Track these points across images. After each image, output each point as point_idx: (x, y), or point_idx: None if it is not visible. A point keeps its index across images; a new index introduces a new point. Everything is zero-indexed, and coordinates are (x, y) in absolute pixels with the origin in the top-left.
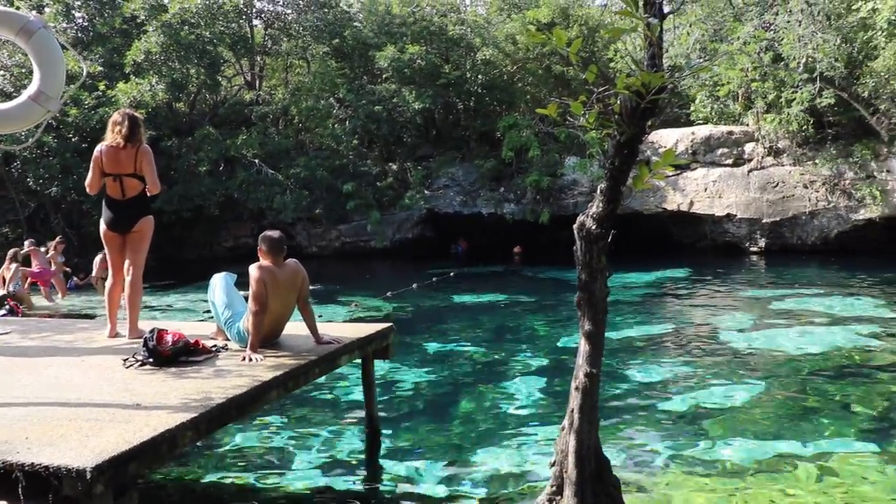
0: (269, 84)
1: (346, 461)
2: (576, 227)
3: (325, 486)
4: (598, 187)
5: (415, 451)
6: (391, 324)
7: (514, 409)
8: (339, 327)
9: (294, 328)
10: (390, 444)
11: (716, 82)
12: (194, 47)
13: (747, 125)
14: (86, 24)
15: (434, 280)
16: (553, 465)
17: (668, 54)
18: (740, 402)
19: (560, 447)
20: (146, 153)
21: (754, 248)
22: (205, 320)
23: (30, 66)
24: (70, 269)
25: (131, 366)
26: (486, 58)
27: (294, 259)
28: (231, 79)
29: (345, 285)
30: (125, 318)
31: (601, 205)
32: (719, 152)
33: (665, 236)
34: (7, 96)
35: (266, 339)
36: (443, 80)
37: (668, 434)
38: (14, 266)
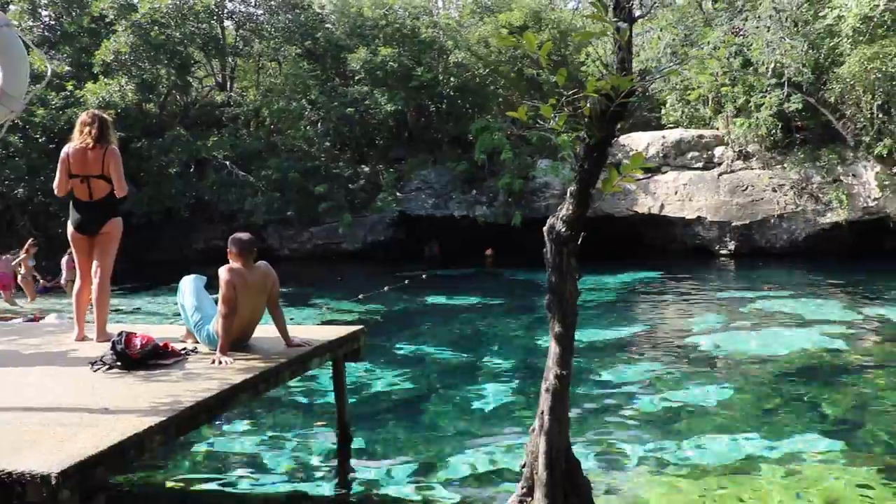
0: (240, 85)
1: (317, 464)
2: (545, 229)
3: (295, 490)
4: (568, 190)
5: (386, 453)
6: (362, 326)
7: (485, 411)
8: (309, 330)
9: (264, 331)
10: (361, 446)
11: (686, 86)
12: (164, 48)
13: (717, 129)
14: (53, 22)
15: (406, 282)
16: (523, 466)
17: (640, 58)
18: (710, 402)
19: (530, 449)
20: (114, 154)
21: (724, 251)
22: (174, 323)
23: None
24: (37, 272)
25: (99, 369)
26: (459, 61)
27: (264, 261)
28: (202, 80)
29: (316, 288)
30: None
31: (571, 207)
32: (690, 156)
33: (636, 239)
34: None
35: (236, 341)
36: (415, 82)
37: (638, 435)
38: None
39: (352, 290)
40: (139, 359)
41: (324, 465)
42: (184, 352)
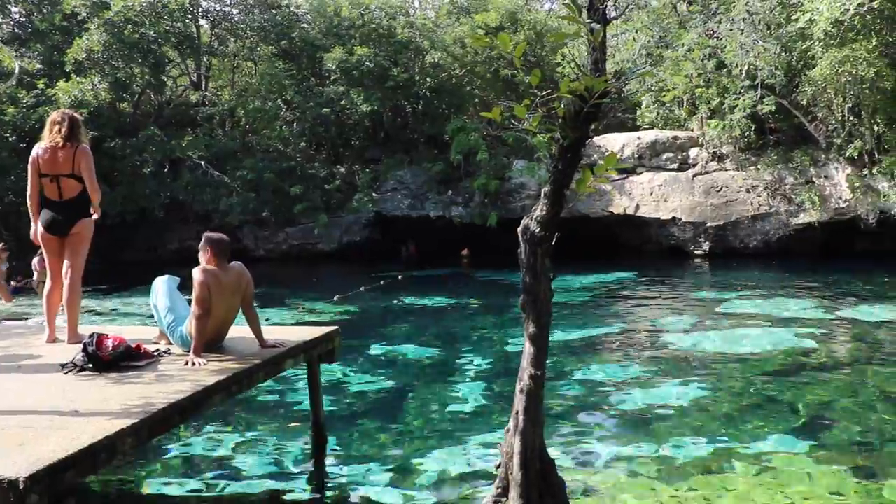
0: (215, 85)
1: (292, 466)
2: (520, 230)
3: (271, 492)
4: (543, 190)
5: (361, 454)
6: (337, 327)
7: (460, 412)
8: (284, 331)
9: (238, 332)
10: (337, 448)
11: (661, 88)
12: (138, 46)
13: (692, 130)
14: (23, 19)
15: (382, 283)
16: (499, 466)
17: (615, 60)
18: (684, 402)
19: (505, 449)
20: (85, 154)
21: (698, 252)
22: (148, 324)
23: None
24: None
25: (70, 371)
26: (435, 61)
27: (238, 262)
28: (176, 79)
29: (292, 288)
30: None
31: (545, 208)
32: (665, 157)
33: (611, 239)
34: None
35: (210, 343)
36: (391, 82)
37: (613, 435)
38: None
39: (327, 290)
40: (111, 361)
41: (299, 466)
42: (157, 353)
